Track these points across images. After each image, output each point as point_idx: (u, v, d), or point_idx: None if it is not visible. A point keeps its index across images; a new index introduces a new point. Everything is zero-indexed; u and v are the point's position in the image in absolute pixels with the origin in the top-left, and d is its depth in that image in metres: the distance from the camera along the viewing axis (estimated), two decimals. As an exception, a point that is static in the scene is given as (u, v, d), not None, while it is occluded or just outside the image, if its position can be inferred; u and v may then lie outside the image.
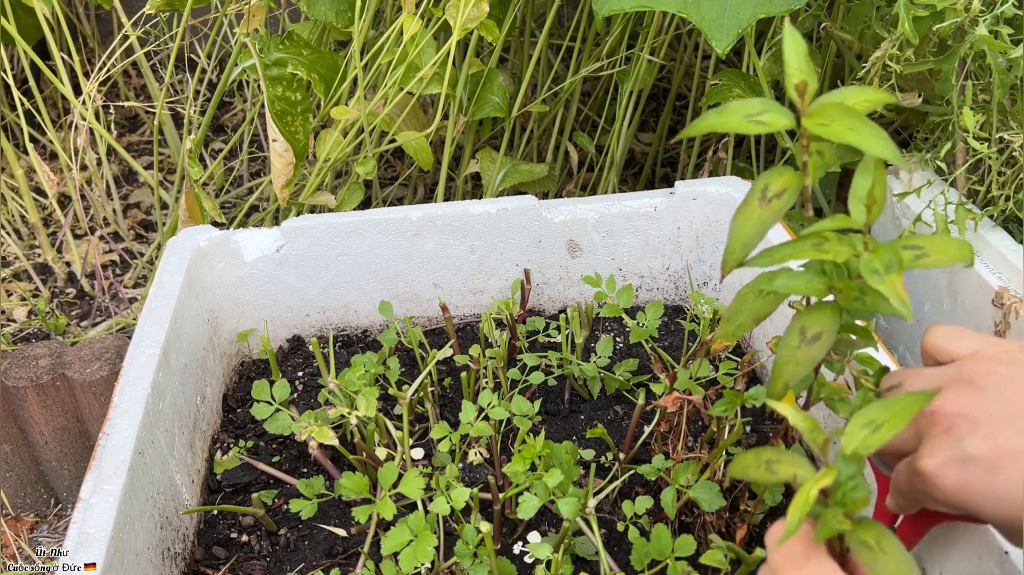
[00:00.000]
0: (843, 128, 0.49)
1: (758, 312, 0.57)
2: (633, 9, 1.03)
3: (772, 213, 0.52)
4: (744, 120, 0.51)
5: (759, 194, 0.52)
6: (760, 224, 0.52)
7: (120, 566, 0.69)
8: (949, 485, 0.52)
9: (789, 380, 0.53)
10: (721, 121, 0.52)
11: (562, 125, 1.44)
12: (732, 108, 0.52)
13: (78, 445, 1.18)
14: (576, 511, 0.73)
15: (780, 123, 0.51)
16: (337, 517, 0.86)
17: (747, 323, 0.58)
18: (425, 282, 1.07)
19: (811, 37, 1.28)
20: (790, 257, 0.53)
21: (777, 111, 0.51)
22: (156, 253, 1.45)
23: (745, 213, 0.53)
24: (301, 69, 1.11)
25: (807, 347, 0.53)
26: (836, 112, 0.50)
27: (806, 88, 0.50)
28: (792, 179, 0.52)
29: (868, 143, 0.49)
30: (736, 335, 0.59)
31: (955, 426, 0.52)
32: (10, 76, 1.31)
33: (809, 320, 0.54)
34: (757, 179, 0.53)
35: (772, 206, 0.52)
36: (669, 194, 1.07)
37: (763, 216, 0.52)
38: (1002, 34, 0.92)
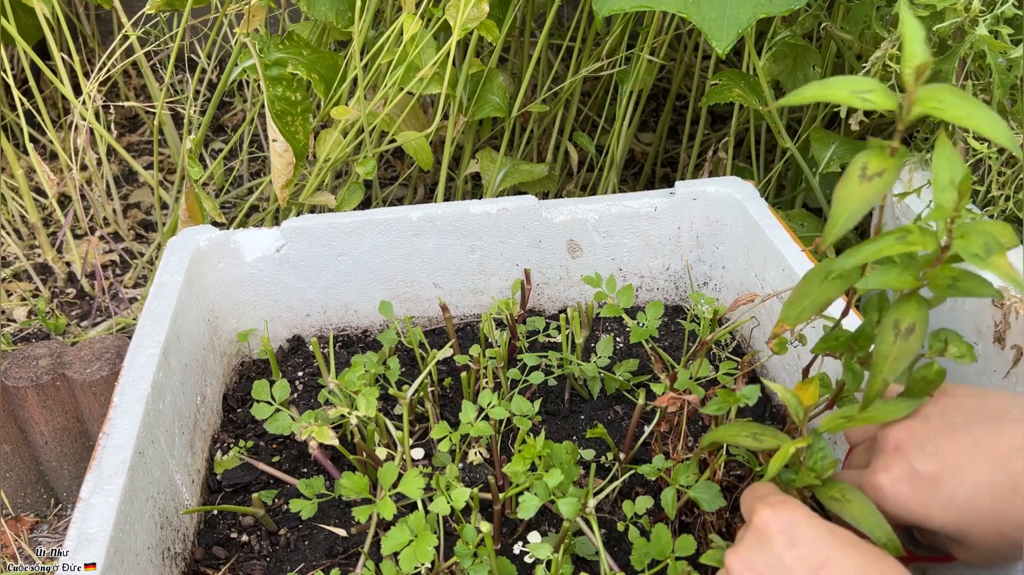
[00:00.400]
0: (960, 112, 0.50)
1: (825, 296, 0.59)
2: (633, 9, 1.03)
3: (873, 191, 0.53)
4: (851, 95, 0.52)
5: (859, 172, 0.53)
6: (863, 201, 0.53)
7: (120, 566, 0.69)
8: (902, 498, 0.58)
9: (889, 376, 0.55)
10: (828, 93, 0.53)
11: (562, 125, 1.44)
12: (838, 82, 0.53)
13: (78, 445, 1.18)
14: (576, 511, 0.73)
15: (885, 103, 0.52)
16: (337, 517, 0.86)
17: (812, 308, 0.59)
18: (425, 282, 1.07)
19: (811, 37, 1.28)
20: (877, 254, 0.54)
21: (883, 91, 0.52)
22: (156, 253, 1.45)
23: (847, 189, 0.53)
24: (301, 69, 1.11)
25: (903, 341, 0.55)
26: (950, 96, 0.51)
27: (925, 71, 0.51)
28: (889, 162, 0.53)
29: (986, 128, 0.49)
30: (799, 319, 0.60)
31: (903, 446, 0.59)
32: (10, 76, 1.31)
33: (902, 313, 0.55)
34: (856, 158, 0.54)
35: (873, 184, 0.53)
36: (669, 194, 1.07)
37: (864, 193, 0.53)
38: (1002, 34, 0.92)
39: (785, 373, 0.96)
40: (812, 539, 0.56)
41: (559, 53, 1.46)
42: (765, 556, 0.57)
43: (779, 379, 0.98)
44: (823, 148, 1.22)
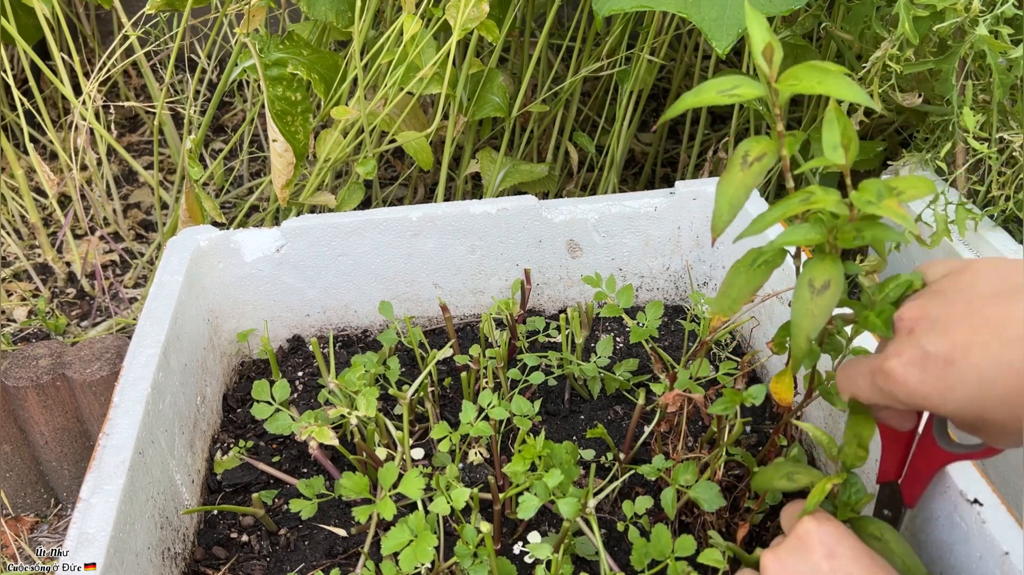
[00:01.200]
0: (812, 82, 0.52)
1: (753, 283, 0.60)
2: (633, 9, 1.03)
3: (753, 175, 0.55)
4: (718, 94, 0.54)
5: (740, 160, 0.55)
6: (743, 187, 0.55)
7: (120, 566, 0.69)
8: (913, 383, 0.55)
9: (809, 332, 0.55)
10: (698, 99, 0.55)
11: (562, 125, 1.44)
12: (707, 86, 0.55)
13: (78, 445, 1.18)
14: (576, 511, 0.73)
15: (752, 93, 0.54)
16: (337, 517, 0.86)
17: (743, 295, 0.60)
18: (425, 282, 1.07)
19: (811, 37, 1.28)
20: (781, 216, 0.55)
21: (749, 83, 0.54)
22: (156, 253, 1.45)
23: (728, 178, 0.55)
24: (301, 69, 1.11)
25: (819, 297, 0.55)
26: (804, 71, 0.53)
27: (772, 53, 0.53)
28: (769, 145, 0.55)
29: (838, 90, 0.51)
30: (733, 309, 0.60)
31: (916, 327, 0.56)
32: (10, 76, 1.31)
33: (815, 271, 0.56)
34: (737, 147, 0.56)
35: (753, 169, 0.55)
36: (669, 194, 1.07)
37: (745, 179, 0.55)
38: (1002, 34, 0.92)
39: (785, 373, 0.96)
40: (850, 557, 0.58)
41: (559, 53, 1.46)
42: (803, 563, 0.59)
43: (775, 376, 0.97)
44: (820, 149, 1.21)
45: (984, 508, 0.65)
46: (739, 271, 0.60)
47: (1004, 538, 0.63)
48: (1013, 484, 0.92)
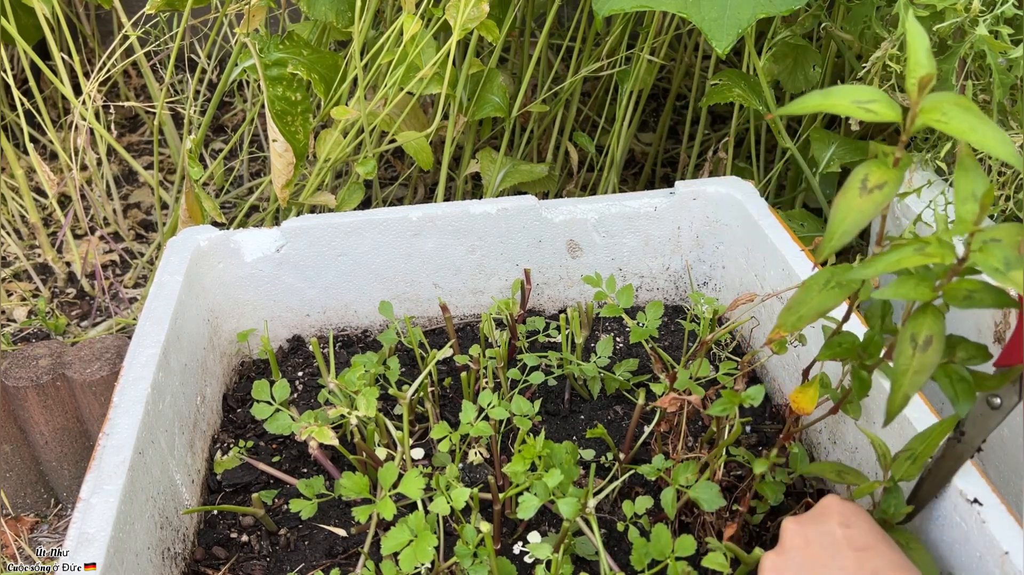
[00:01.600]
0: (964, 126, 0.49)
1: (823, 305, 0.58)
2: (633, 9, 1.03)
3: (872, 204, 0.52)
4: (853, 105, 0.51)
5: (859, 184, 0.52)
6: (860, 214, 0.52)
7: (120, 566, 0.69)
8: None
9: (910, 391, 0.54)
10: (829, 103, 0.52)
11: (562, 125, 1.44)
12: (840, 91, 0.52)
13: (78, 445, 1.18)
14: (576, 511, 0.73)
15: (889, 115, 0.51)
16: (337, 517, 0.86)
17: (810, 315, 0.59)
18: (425, 282, 1.07)
19: (811, 37, 1.28)
20: (895, 266, 0.53)
21: (886, 102, 0.51)
22: (156, 253, 1.45)
23: (846, 201, 0.52)
24: (301, 69, 1.11)
25: (921, 354, 0.54)
26: (955, 109, 0.50)
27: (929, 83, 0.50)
28: (891, 174, 0.52)
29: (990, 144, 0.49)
30: (796, 327, 0.60)
31: None
32: (10, 76, 1.31)
33: (917, 326, 0.54)
34: (857, 169, 0.53)
35: (873, 197, 0.52)
36: (669, 194, 1.07)
37: (863, 206, 0.52)
38: (1002, 34, 0.92)
39: (785, 373, 0.96)
40: (865, 529, 0.64)
41: (559, 53, 1.46)
42: (819, 526, 0.64)
43: (778, 379, 0.98)
44: (823, 148, 1.21)
45: (984, 508, 0.65)
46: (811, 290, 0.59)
47: (1004, 538, 0.63)
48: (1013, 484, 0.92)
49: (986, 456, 0.95)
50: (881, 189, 0.52)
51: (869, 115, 0.51)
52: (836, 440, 0.86)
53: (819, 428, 0.89)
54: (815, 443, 0.90)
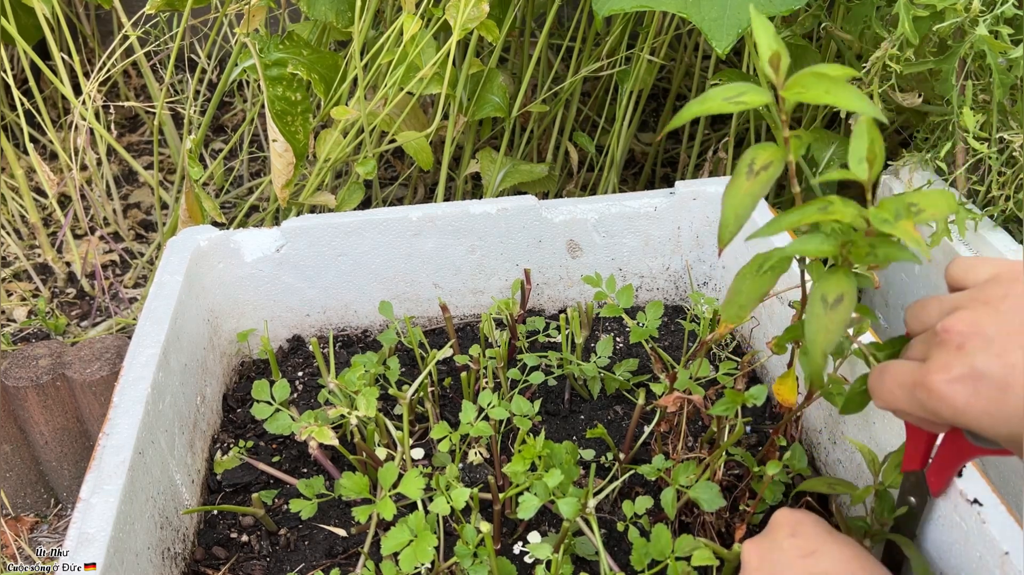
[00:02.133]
0: (820, 91, 0.51)
1: (760, 289, 0.59)
2: (633, 9, 1.03)
3: (760, 185, 0.54)
4: (724, 102, 0.53)
5: (746, 168, 0.54)
6: (750, 196, 0.54)
7: (120, 566, 0.69)
8: (960, 402, 0.52)
9: (825, 347, 0.54)
10: (704, 107, 0.54)
11: (562, 125, 1.44)
12: (712, 94, 0.54)
13: (78, 445, 1.18)
14: (576, 511, 0.73)
15: (758, 100, 0.53)
16: (337, 517, 0.86)
17: (750, 302, 0.59)
18: (425, 282, 1.07)
19: (811, 37, 1.28)
20: (797, 223, 0.54)
21: (755, 90, 0.53)
22: (156, 253, 1.45)
23: (735, 187, 0.54)
24: (301, 69, 1.11)
25: (832, 312, 0.54)
26: (812, 79, 0.52)
27: (779, 60, 0.52)
28: (776, 153, 0.54)
29: (846, 101, 0.50)
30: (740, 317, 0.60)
31: (967, 343, 0.52)
32: (10, 76, 1.31)
33: (827, 285, 0.55)
34: (743, 155, 0.55)
35: (759, 178, 0.54)
36: (669, 194, 1.07)
37: (751, 188, 0.54)
38: (1002, 34, 0.92)
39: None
40: (811, 534, 0.65)
41: (559, 53, 1.46)
42: (770, 542, 0.66)
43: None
44: (823, 148, 1.21)
45: (984, 508, 0.65)
46: (744, 277, 0.59)
47: (1004, 538, 0.63)
48: (1013, 484, 0.92)
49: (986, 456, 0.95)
50: (767, 169, 0.54)
51: (740, 105, 0.53)
52: (836, 440, 0.86)
53: (819, 428, 0.89)
54: (815, 443, 0.90)
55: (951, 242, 0.99)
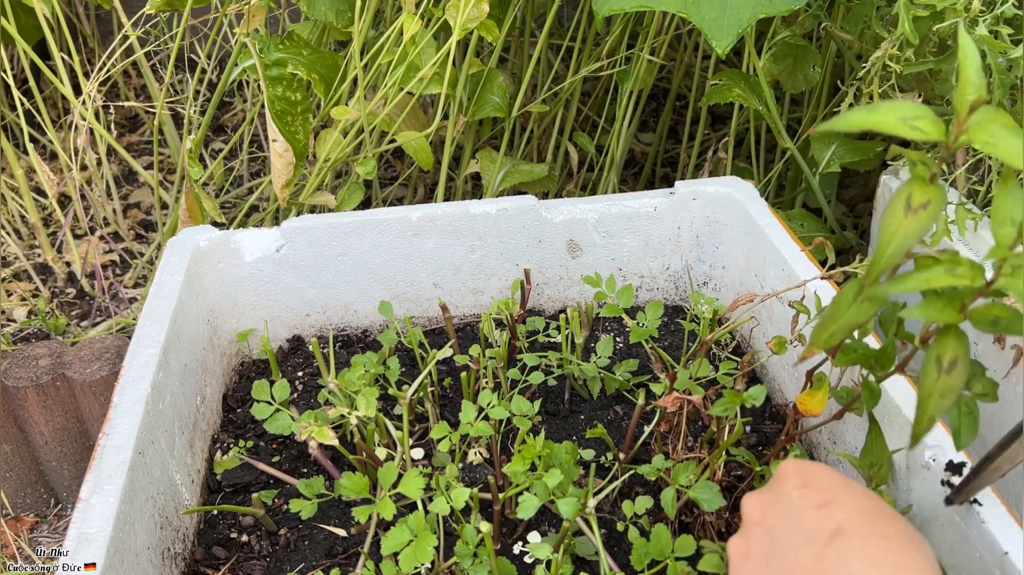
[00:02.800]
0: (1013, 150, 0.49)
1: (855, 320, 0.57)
2: (633, 9, 1.03)
3: (918, 223, 0.51)
4: (898, 122, 0.50)
5: (904, 203, 0.51)
6: (907, 236, 0.51)
7: (120, 566, 0.69)
8: None
9: (935, 413, 0.54)
10: (874, 119, 0.51)
11: (562, 125, 1.44)
12: (885, 108, 0.51)
13: (78, 445, 1.18)
14: (576, 511, 0.73)
15: (935, 133, 0.50)
16: (337, 517, 0.86)
17: (842, 330, 0.57)
18: (425, 282, 1.07)
19: (811, 37, 1.28)
20: (925, 284, 0.53)
21: (931, 119, 0.50)
22: (156, 253, 1.45)
23: (893, 222, 0.51)
24: (301, 69, 1.11)
25: (946, 376, 0.53)
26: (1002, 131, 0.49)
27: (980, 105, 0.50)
28: (935, 192, 0.51)
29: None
30: (830, 343, 0.58)
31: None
32: (10, 76, 1.31)
33: (943, 348, 0.54)
34: (900, 188, 0.52)
35: (919, 216, 0.51)
36: (669, 194, 1.07)
37: (908, 226, 0.51)
38: (1002, 34, 0.92)
39: (784, 373, 0.96)
40: (824, 483, 0.60)
41: (559, 53, 1.46)
42: (775, 493, 0.61)
43: (778, 379, 0.98)
44: (823, 148, 1.21)
45: (984, 508, 0.65)
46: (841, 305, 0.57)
47: (1004, 538, 0.63)
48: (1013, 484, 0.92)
49: (986, 456, 0.95)
50: (926, 208, 0.51)
51: (915, 133, 0.50)
52: (836, 440, 0.86)
53: (819, 429, 0.89)
54: (815, 443, 0.90)
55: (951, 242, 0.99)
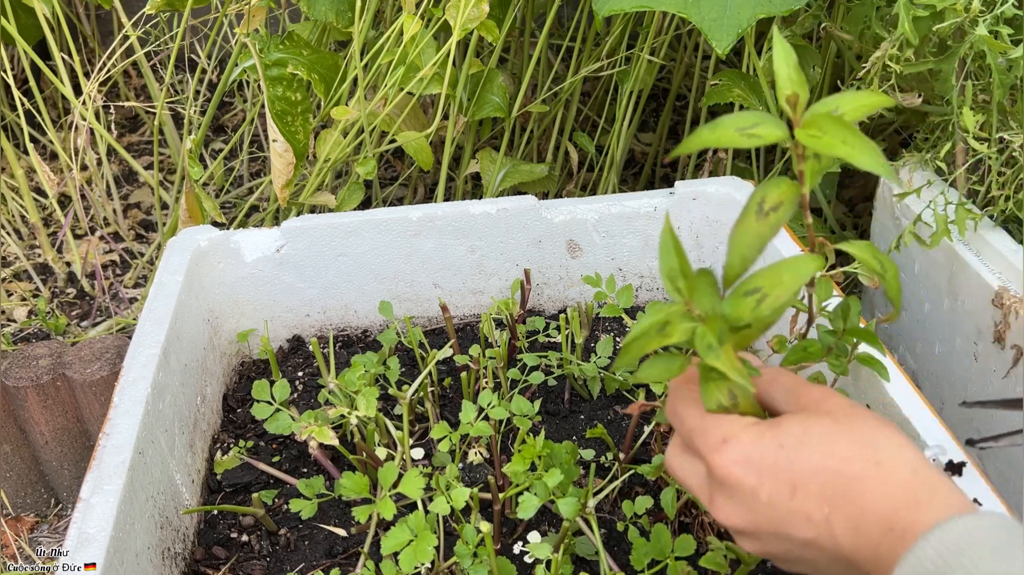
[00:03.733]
0: (835, 140, 0.49)
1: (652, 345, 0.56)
2: (633, 9, 1.03)
3: (770, 227, 0.51)
4: (737, 134, 0.51)
5: (756, 208, 0.52)
6: (758, 238, 0.52)
7: (120, 566, 0.69)
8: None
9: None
10: (715, 136, 0.51)
11: (562, 125, 1.44)
12: (725, 122, 0.51)
13: (78, 445, 1.18)
14: (576, 511, 0.73)
15: (773, 135, 0.50)
16: (337, 517, 0.86)
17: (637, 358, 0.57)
18: (425, 282, 1.07)
19: (811, 37, 1.28)
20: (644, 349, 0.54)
21: (770, 123, 0.51)
22: (156, 253, 1.45)
23: (743, 227, 0.52)
24: (301, 69, 1.11)
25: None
26: (828, 124, 0.49)
27: (797, 100, 0.50)
28: (789, 190, 0.52)
29: (859, 157, 0.48)
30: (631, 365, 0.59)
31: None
32: (10, 76, 1.31)
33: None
34: (754, 192, 0.52)
35: (770, 219, 0.51)
36: (669, 194, 1.07)
37: (760, 230, 0.52)
38: (1002, 34, 0.92)
39: (785, 373, 0.96)
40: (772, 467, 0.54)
41: (559, 53, 1.46)
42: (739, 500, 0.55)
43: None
44: (823, 148, 1.21)
45: (984, 508, 0.65)
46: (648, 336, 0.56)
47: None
48: (1013, 484, 0.92)
49: (986, 456, 0.95)
50: (777, 211, 0.51)
51: (753, 140, 0.50)
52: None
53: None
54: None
55: (951, 242, 0.99)
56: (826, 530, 0.51)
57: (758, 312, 0.52)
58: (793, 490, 0.51)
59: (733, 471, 0.53)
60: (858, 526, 0.50)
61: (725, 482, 0.54)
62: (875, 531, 0.49)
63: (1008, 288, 0.92)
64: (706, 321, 0.52)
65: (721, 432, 0.54)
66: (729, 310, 0.53)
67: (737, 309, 0.53)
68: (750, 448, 0.53)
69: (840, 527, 0.50)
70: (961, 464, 0.69)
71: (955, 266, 0.99)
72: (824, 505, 0.51)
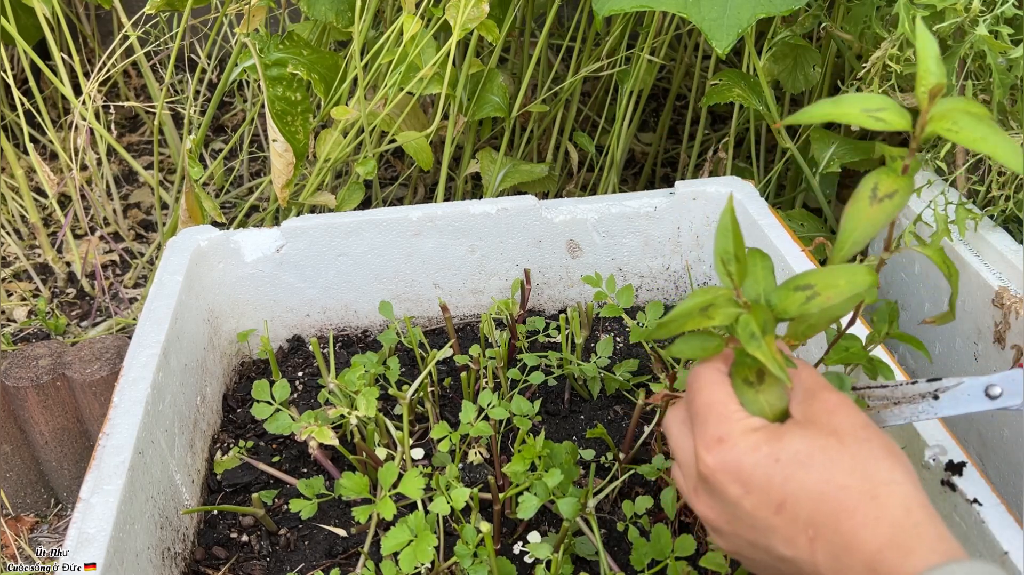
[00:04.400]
0: (975, 136, 0.49)
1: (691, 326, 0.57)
2: (633, 9, 1.03)
3: (883, 213, 0.51)
4: (863, 114, 0.51)
5: (870, 194, 0.52)
6: (871, 223, 0.51)
7: (120, 566, 0.69)
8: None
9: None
10: (839, 111, 0.51)
11: (562, 125, 1.44)
12: (850, 100, 0.51)
13: (78, 445, 1.18)
14: (576, 511, 0.73)
15: (899, 123, 0.50)
16: (337, 517, 0.86)
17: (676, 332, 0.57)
18: (425, 282, 1.07)
19: (811, 37, 1.28)
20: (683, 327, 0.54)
21: (896, 110, 0.51)
22: (156, 253, 1.45)
23: (856, 212, 0.52)
24: (301, 69, 1.11)
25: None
26: (966, 119, 0.49)
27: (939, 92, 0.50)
28: (901, 182, 0.52)
29: (1000, 153, 0.48)
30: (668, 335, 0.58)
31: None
32: (10, 76, 1.31)
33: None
34: (866, 178, 0.52)
35: (884, 206, 0.51)
36: (669, 194, 1.07)
37: (873, 216, 0.51)
38: (1002, 34, 0.92)
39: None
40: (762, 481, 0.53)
41: (559, 53, 1.46)
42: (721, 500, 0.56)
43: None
44: (823, 148, 1.21)
45: (984, 508, 0.65)
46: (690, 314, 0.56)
47: (1004, 538, 0.63)
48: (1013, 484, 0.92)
49: (986, 456, 0.95)
50: (891, 198, 0.51)
51: (879, 124, 0.50)
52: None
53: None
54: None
55: (951, 242, 0.99)
56: (807, 553, 0.50)
57: (806, 308, 0.52)
58: (780, 507, 0.51)
59: (718, 476, 0.53)
60: (840, 558, 0.49)
61: (709, 482, 0.54)
62: (858, 567, 0.49)
63: (1008, 288, 0.92)
64: (751, 309, 0.52)
65: (719, 430, 0.54)
66: (777, 301, 0.53)
67: (784, 302, 0.53)
68: (743, 456, 0.52)
69: (822, 555, 0.50)
70: (961, 464, 0.69)
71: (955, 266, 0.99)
72: (810, 529, 0.50)
